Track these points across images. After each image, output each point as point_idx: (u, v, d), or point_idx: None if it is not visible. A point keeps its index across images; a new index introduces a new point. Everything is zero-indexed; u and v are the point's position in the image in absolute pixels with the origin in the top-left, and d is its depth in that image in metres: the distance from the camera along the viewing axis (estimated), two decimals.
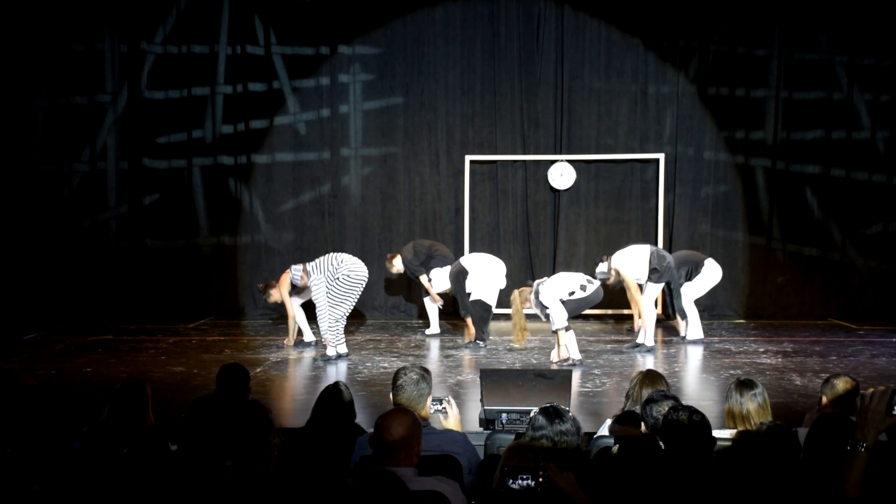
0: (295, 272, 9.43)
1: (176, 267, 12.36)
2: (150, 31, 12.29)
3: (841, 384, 4.66)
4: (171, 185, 12.41)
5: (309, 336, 10.00)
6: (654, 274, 9.39)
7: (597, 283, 8.85)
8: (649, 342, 9.46)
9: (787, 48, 11.82)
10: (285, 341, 9.98)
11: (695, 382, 8.04)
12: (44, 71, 12.35)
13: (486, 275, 9.75)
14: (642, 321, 9.52)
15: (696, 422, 3.63)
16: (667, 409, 4.05)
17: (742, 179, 12.01)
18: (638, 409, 4.40)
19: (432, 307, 10.67)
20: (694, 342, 9.88)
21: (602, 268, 9.59)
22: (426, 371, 4.54)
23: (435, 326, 10.69)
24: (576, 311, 8.81)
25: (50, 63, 12.33)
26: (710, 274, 10.02)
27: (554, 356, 8.77)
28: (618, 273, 9.50)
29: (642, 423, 4.20)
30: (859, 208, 11.86)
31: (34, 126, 12.41)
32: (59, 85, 12.36)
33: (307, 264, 9.28)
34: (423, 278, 10.47)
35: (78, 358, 9.36)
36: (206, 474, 3.32)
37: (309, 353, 9.53)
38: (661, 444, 3.74)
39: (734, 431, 4.46)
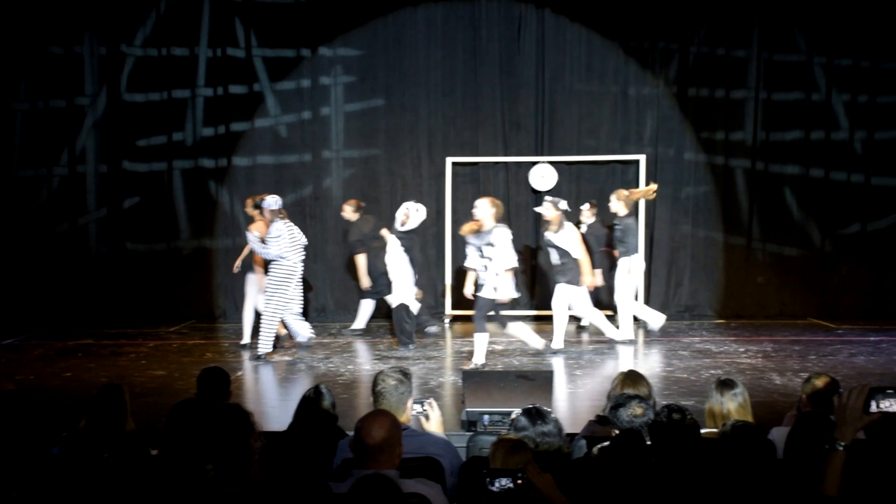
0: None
1: (156, 270, 12.29)
2: (130, 33, 12.21)
3: (820, 383, 4.69)
4: (151, 188, 12.34)
5: (246, 338, 9.99)
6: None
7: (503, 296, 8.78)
8: (628, 335, 9.66)
9: (766, 49, 11.91)
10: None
11: (675, 382, 8.07)
12: (22, 74, 12.26)
13: (407, 274, 9.68)
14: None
15: (687, 422, 3.65)
16: (637, 409, 4.06)
17: (722, 180, 12.07)
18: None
19: (367, 303, 10.75)
20: (623, 343, 9.89)
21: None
22: (406, 374, 4.52)
23: (361, 322, 10.84)
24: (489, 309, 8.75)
25: (28, 66, 12.24)
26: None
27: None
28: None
29: (613, 430, 4.18)
30: (838, 208, 11.95)
31: (12, 129, 12.32)
32: (37, 88, 12.27)
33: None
34: (363, 258, 10.40)
35: (58, 363, 9.30)
36: (187, 479, 3.31)
37: (245, 355, 9.54)
38: (648, 442, 3.75)
39: (715, 431, 4.48)
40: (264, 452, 3.56)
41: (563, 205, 9.41)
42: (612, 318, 10.10)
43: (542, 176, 11.94)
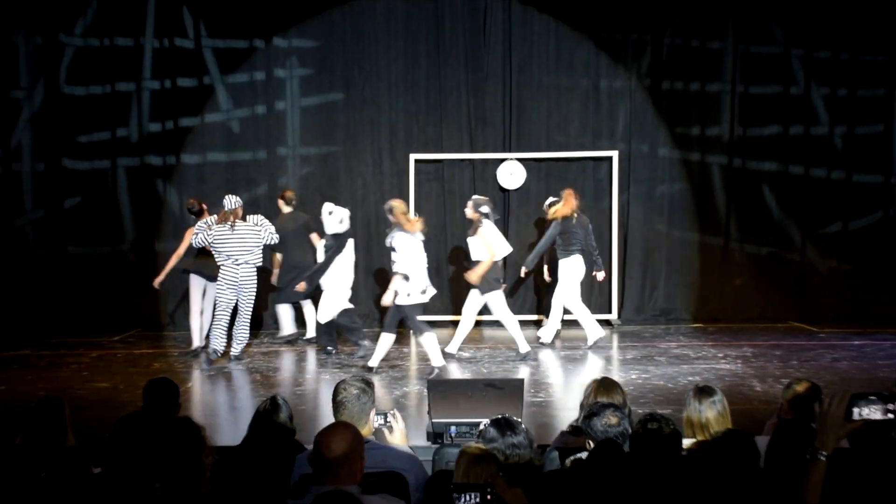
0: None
1: (100, 275, 12.13)
2: (69, 21, 12.05)
3: (801, 389, 4.73)
4: (93, 188, 12.18)
5: (196, 342, 9.98)
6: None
7: (429, 295, 8.86)
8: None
9: (741, 41, 12.04)
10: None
11: (651, 390, 8.12)
12: None
13: (344, 277, 9.67)
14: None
15: (666, 431, 3.66)
16: (612, 418, 4.08)
17: (698, 177, 12.18)
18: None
19: (287, 309, 10.72)
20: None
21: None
22: (368, 383, 4.50)
23: (289, 328, 10.80)
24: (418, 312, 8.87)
25: None
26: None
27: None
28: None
29: (588, 440, 4.19)
30: (818, 206, 12.10)
31: None
32: None
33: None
34: (278, 255, 10.48)
35: None
36: (132, 499, 3.27)
37: (195, 364, 9.52)
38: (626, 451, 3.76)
39: (693, 441, 4.51)
40: (216, 469, 3.52)
41: (485, 207, 9.53)
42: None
43: (511, 174, 11.97)
